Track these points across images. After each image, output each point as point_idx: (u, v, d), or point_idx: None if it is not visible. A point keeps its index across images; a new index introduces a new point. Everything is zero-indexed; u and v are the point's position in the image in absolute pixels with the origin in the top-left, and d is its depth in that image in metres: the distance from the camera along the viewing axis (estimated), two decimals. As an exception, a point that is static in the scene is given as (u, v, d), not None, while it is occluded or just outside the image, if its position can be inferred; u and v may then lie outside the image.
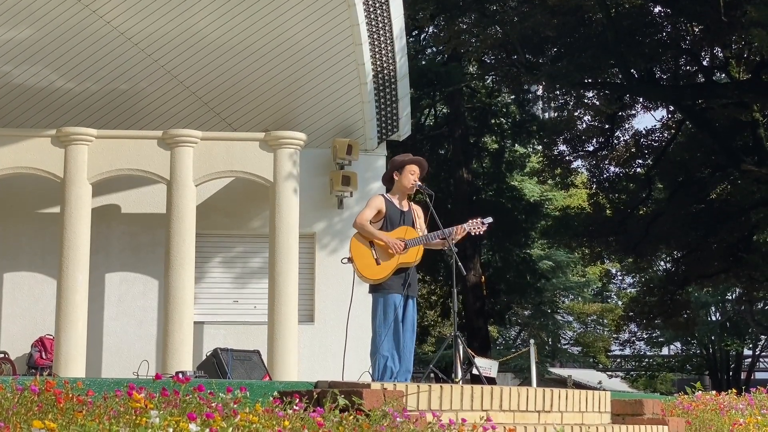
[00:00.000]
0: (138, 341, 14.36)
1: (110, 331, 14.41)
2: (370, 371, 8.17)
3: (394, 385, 4.69)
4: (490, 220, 8.25)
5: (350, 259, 8.14)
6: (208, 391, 3.92)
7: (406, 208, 8.26)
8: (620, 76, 22.84)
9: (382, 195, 8.24)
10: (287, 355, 13.22)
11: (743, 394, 7.40)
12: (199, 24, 13.75)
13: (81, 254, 13.20)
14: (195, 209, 13.48)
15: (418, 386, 4.75)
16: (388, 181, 8.38)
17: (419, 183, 8.28)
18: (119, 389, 3.88)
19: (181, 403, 3.77)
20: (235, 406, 3.86)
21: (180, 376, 4.15)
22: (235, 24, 13.75)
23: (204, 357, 12.55)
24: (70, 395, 3.73)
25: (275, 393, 4.35)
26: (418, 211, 8.40)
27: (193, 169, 13.51)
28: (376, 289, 8.22)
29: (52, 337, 13.56)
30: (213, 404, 3.82)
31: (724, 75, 24.33)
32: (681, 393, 7.41)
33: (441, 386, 4.91)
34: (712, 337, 39.51)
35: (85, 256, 13.25)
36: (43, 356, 13.97)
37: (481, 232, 8.25)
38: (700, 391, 7.20)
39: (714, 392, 7.24)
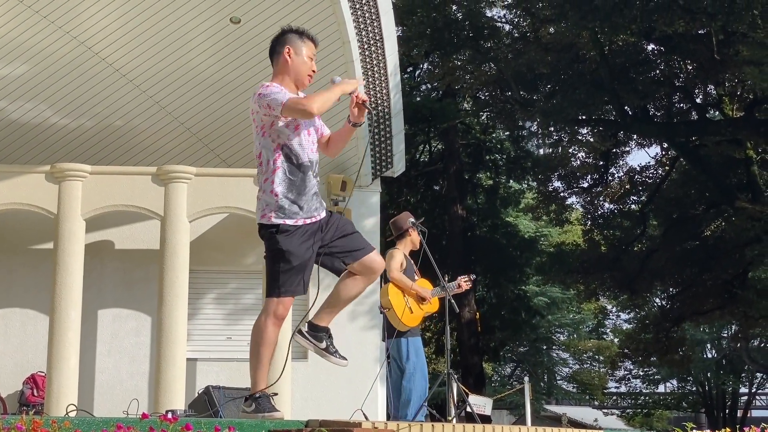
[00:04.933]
0: (130, 378, 14.28)
1: (102, 368, 14.32)
2: (397, 412, 8.79)
3: (386, 423, 4.66)
4: (474, 276, 9.53)
5: (388, 309, 8.81)
6: (197, 431, 3.88)
7: (411, 260, 9.08)
8: (614, 112, 22.96)
9: (400, 250, 9.00)
10: (280, 393, 13.09)
11: (737, 432, 7.36)
12: (194, 60, 13.80)
13: (73, 290, 13.13)
14: (189, 245, 13.45)
15: (409, 424, 4.71)
16: (401, 236, 9.08)
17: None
18: (107, 429, 3.84)
19: (169, 443, 3.73)
20: (224, 445, 3.82)
21: (169, 414, 4.11)
22: (230, 60, 13.81)
23: (196, 394, 12.46)
24: (57, 435, 3.69)
25: (265, 432, 4.31)
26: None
27: (187, 205, 13.49)
28: (402, 334, 8.85)
29: (44, 374, 13.47)
30: (201, 444, 3.77)
31: (717, 112, 24.47)
32: (676, 430, 7.35)
33: (432, 424, 4.88)
34: (708, 375, 39.40)
35: (78, 292, 13.18)
36: (35, 393, 13.87)
37: (469, 287, 9.38)
38: (694, 430, 7.15)
39: (708, 431, 7.20)
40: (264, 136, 5.32)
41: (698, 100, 24.06)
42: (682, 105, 24.25)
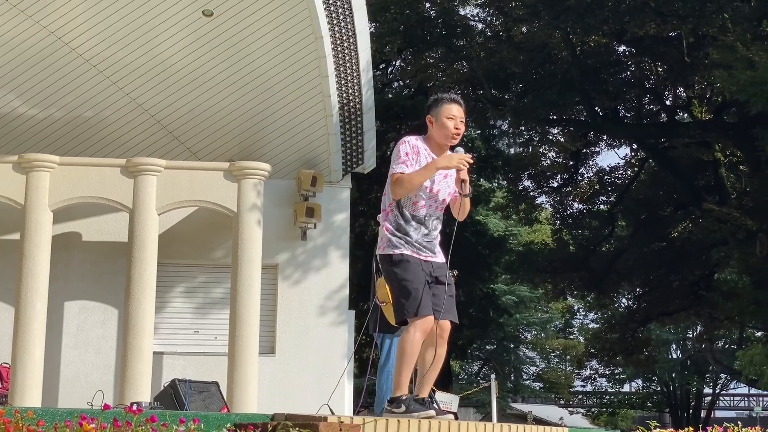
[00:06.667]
0: (96, 371, 14.19)
1: (68, 360, 14.22)
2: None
3: (351, 418, 4.66)
4: (456, 272, 9.11)
5: (385, 303, 8.47)
6: (161, 423, 3.87)
7: None
8: (585, 113, 23.08)
9: None
10: (247, 387, 13.11)
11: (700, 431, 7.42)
12: (166, 52, 13.72)
13: (40, 282, 13.04)
14: (157, 238, 13.39)
15: (375, 419, 4.72)
16: None
17: None
18: (70, 420, 3.82)
19: (133, 435, 3.72)
20: (189, 438, 3.81)
21: (134, 407, 4.09)
22: (202, 53, 13.74)
23: (162, 387, 12.42)
24: (21, 425, 3.67)
25: (230, 425, 4.30)
26: None
27: (156, 198, 13.42)
28: (391, 330, 8.65)
29: (8, 366, 13.36)
30: (166, 436, 3.77)
31: (686, 115, 24.66)
32: (640, 429, 7.41)
33: (398, 420, 4.89)
34: (673, 375, 39.74)
35: (44, 283, 13.09)
36: (-1, 385, 13.75)
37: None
38: (657, 428, 7.21)
39: (671, 430, 7.26)
40: (387, 183, 5.78)
41: (668, 102, 24.24)
42: (651, 107, 24.44)
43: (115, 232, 14.41)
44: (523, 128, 24.28)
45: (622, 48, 22.73)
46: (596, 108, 22.52)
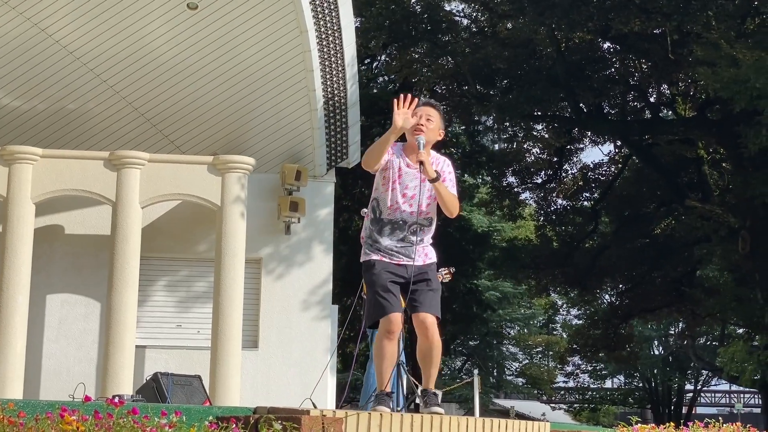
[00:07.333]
0: (78, 364, 14.14)
1: (50, 353, 14.17)
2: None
3: (334, 412, 4.67)
4: (453, 269, 9.56)
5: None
6: (143, 415, 3.86)
7: None
8: (569, 109, 23.13)
9: None
10: (230, 381, 13.10)
11: (681, 427, 7.46)
12: (150, 45, 13.68)
13: (22, 275, 12.99)
14: (140, 231, 13.35)
15: (358, 413, 4.73)
16: None
17: None
18: (51, 412, 3.81)
19: (115, 427, 3.71)
20: (170, 430, 3.81)
21: (116, 399, 4.08)
22: (187, 46, 13.70)
23: (145, 381, 12.38)
24: (1, 417, 3.66)
25: (212, 418, 4.29)
26: None
27: (139, 191, 13.38)
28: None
29: (-11, 359, 13.31)
30: (147, 428, 3.76)
31: (670, 112, 24.75)
32: (621, 424, 7.45)
33: (381, 414, 4.90)
34: (655, 371, 39.89)
35: (26, 276, 13.03)
36: (-20, 378, 13.68)
37: (449, 279, 9.66)
38: (638, 423, 7.24)
39: (652, 425, 7.30)
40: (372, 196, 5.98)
41: (652, 99, 24.32)
42: (635, 103, 24.51)
43: (98, 225, 14.37)
44: (507, 124, 24.31)
45: (606, 45, 22.78)
46: (580, 104, 22.58)
